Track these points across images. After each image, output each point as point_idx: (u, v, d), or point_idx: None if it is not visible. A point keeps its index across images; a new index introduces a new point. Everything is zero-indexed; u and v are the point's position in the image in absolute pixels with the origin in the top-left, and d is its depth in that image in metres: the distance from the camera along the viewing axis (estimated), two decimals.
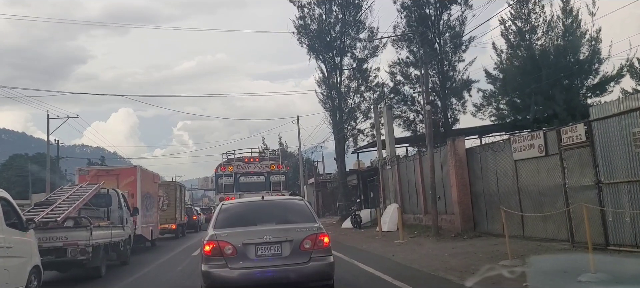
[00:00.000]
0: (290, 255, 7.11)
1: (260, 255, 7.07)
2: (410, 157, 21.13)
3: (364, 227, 25.99)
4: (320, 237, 7.29)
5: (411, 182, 21.49)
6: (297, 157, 70.25)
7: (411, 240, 17.54)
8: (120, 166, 23.90)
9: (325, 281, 7.41)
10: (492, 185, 15.51)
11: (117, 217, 14.85)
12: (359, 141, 31.63)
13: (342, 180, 31.98)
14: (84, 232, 11.48)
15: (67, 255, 11.14)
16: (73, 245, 11.17)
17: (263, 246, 7.10)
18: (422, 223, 20.15)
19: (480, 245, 13.81)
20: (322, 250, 7.28)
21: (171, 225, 27.48)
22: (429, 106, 16.88)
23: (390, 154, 23.71)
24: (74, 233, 11.45)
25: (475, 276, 8.68)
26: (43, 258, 9.95)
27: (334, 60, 31.50)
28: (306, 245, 7.17)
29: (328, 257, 7.39)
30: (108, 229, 13.39)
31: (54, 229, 11.31)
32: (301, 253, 7.13)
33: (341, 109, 31.30)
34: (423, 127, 22.28)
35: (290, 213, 8.22)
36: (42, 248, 10.35)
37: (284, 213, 8.26)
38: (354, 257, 13.63)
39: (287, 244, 7.13)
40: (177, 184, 30.45)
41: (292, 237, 7.18)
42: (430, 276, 10.09)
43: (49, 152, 45.81)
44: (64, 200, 12.61)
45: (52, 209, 11.87)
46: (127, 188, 18.03)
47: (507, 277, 7.79)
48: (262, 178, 26.39)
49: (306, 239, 7.19)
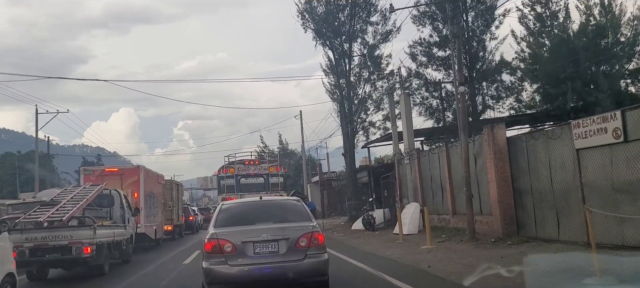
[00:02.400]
0: (287, 252, 7.36)
1: (258, 252, 7.35)
2: (435, 150, 18.52)
3: (377, 229, 23.48)
4: (315, 235, 7.52)
5: (435, 178, 18.89)
6: (298, 155, 68.22)
7: (440, 245, 14.96)
8: (123, 166, 22.67)
9: (320, 277, 7.64)
10: (543, 181, 12.92)
11: (119, 216, 15.15)
12: (370, 135, 29.04)
13: (351, 177, 29.36)
14: (88, 231, 11.96)
15: (72, 253, 11.62)
16: (78, 244, 11.63)
17: (261, 244, 7.36)
18: (449, 225, 17.56)
19: (536, 254, 11.18)
20: (317, 248, 7.51)
21: (168, 226, 25.66)
22: (463, 87, 14.27)
23: (409, 147, 21.12)
24: (79, 232, 11.90)
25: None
26: (49, 256, 11.56)
27: (343, 46, 28.90)
28: (302, 242, 7.41)
29: (323, 254, 7.61)
30: (111, 228, 13.86)
31: (59, 228, 11.85)
32: (297, 251, 7.38)
33: (351, 100, 28.70)
34: (448, 115, 19.66)
35: (286, 212, 8.47)
36: (49, 246, 11.51)
37: (281, 212, 8.52)
38: (381, 269, 11.05)
39: (283, 242, 7.39)
40: (173, 183, 28.20)
41: (288, 235, 7.43)
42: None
43: (38, 149, 43.53)
44: (69, 200, 13.11)
45: (57, 209, 12.37)
46: (131, 188, 18.30)
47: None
48: (262, 180, 27.73)
49: (302, 237, 7.43)
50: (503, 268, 10.03)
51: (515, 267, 9.67)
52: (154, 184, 21.64)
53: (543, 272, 9.13)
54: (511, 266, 9.89)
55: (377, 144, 28.33)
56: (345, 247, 17.16)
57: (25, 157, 63.54)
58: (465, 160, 14.52)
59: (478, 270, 9.93)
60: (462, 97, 14.44)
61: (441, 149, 17.91)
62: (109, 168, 20.33)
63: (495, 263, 10.21)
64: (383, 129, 28.71)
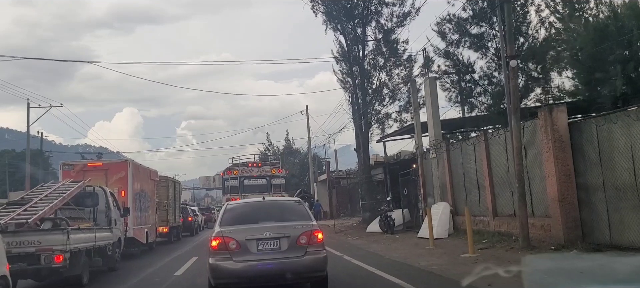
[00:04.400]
0: (288, 249, 7.71)
1: (261, 249, 7.70)
2: (470, 140, 15.90)
3: (396, 232, 20.93)
4: (314, 233, 7.86)
5: (469, 173, 16.29)
6: (303, 153, 65.79)
7: (484, 253, 12.37)
8: (109, 160, 20.01)
9: (319, 272, 7.93)
10: (621, 174, 10.30)
11: (104, 218, 13.57)
12: (386, 128, 26.42)
13: (366, 174, 26.73)
14: (60, 236, 10.18)
15: (41, 262, 9.93)
16: (47, 251, 9.94)
17: (263, 241, 7.71)
18: (489, 229, 14.97)
19: (627, 268, 8.62)
20: (316, 245, 7.83)
21: (163, 228, 23.31)
22: (515, 61, 11.62)
23: (435, 139, 18.50)
24: (49, 237, 10.13)
25: None
26: (13, 266, 9.04)
27: (356, 30, 26.27)
28: (302, 240, 7.74)
29: (322, 251, 7.93)
30: (91, 232, 11.94)
31: (25, 232, 10.12)
32: (297, 248, 7.71)
33: (364, 89, 26.06)
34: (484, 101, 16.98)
35: (288, 212, 8.80)
36: (12, 254, 9.30)
37: (283, 212, 8.86)
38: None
39: (285, 240, 7.73)
40: (169, 180, 25.70)
41: (289, 233, 7.77)
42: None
43: (30, 146, 41.12)
44: (41, 199, 11.47)
45: (25, 209, 10.73)
46: (117, 185, 16.46)
47: None
48: (264, 181, 28.83)
49: (302, 235, 7.77)
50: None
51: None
52: (146, 181, 19.18)
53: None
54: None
55: (394, 137, 25.63)
56: (367, 254, 14.59)
57: (20, 155, 61.20)
58: (518, 151, 11.89)
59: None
60: (513, 73, 11.79)
61: (478, 140, 15.29)
62: (92, 163, 17.84)
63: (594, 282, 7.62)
64: (400, 122, 26.11)
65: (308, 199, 36.84)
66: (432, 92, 18.84)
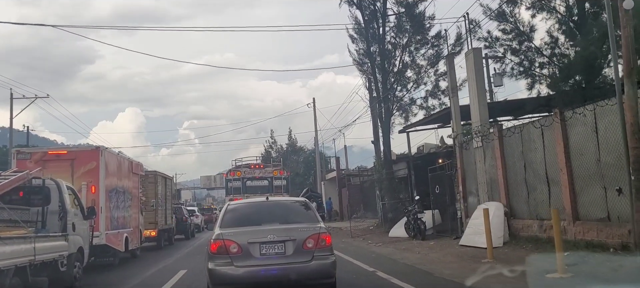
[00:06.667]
0: (294, 254, 7.19)
1: (265, 253, 7.19)
2: (537, 124, 12.30)
3: (428, 237, 17.48)
4: (322, 237, 7.35)
5: (534, 164, 12.71)
6: (307, 151, 62.40)
7: (580, 271, 8.85)
8: (76, 147, 16.35)
9: (327, 279, 7.45)
10: None
11: (57, 221, 10.37)
12: (410, 116, 22.87)
13: (387, 169, 23.15)
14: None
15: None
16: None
17: (267, 245, 7.20)
18: (566, 237, 11.35)
19: None
20: (324, 249, 7.32)
21: (150, 231, 20.00)
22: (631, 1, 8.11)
23: (481, 124, 14.96)
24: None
25: None
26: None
27: (375, 4, 22.77)
28: (309, 244, 7.25)
29: (330, 256, 7.42)
30: (27, 241, 8.38)
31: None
32: (304, 252, 7.21)
33: (385, 71, 22.53)
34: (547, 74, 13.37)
35: (293, 213, 8.34)
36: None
37: (288, 213, 8.36)
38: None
39: (290, 243, 7.23)
40: (158, 175, 22.28)
41: (295, 237, 7.28)
42: None
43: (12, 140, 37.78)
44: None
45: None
46: (86, 179, 13.35)
47: None
48: (266, 182, 29.00)
49: (309, 238, 7.27)
50: None
51: None
52: (125, 175, 15.71)
53: None
54: None
55: (420, 127, 22.00)
56: (406, 270, 11.06)
57: (7, 152, 57.98)
58: (634, 127, 8.33)
59: None
60: (627, 20, 8.28)
61: (550, 121, 11.69)
62: (54, 150, 14.21)
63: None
64: (425, 109, 22.57)
65: (315, 199, 33.65)
66: (477, 67, 15.26)
